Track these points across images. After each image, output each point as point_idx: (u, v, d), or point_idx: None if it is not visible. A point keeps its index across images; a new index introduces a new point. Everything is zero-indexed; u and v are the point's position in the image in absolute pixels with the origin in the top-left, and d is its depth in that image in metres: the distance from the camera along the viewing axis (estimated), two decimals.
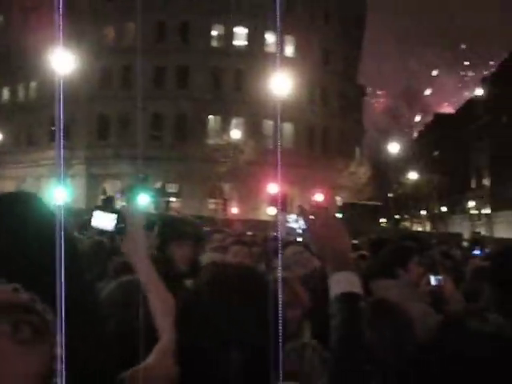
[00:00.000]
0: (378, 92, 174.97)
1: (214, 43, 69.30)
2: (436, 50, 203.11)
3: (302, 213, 2.13)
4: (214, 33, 69.15)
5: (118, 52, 64.98)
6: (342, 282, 2.14)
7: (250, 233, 27.46)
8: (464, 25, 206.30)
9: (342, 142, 73.15)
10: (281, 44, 62.13)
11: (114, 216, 3.03)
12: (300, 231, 30.64)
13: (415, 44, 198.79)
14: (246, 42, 68.51)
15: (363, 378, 2.01)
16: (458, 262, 11.03)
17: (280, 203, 45.24)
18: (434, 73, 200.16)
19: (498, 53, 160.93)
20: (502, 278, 4.64)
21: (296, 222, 41.54)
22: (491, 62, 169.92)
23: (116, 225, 2.99)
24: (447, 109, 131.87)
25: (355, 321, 2.06)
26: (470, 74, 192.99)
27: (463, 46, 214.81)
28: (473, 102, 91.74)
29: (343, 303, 2.10)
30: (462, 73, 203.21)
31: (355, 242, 15.57)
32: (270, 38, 66.59)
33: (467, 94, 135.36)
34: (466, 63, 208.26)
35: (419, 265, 5.65)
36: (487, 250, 15.86)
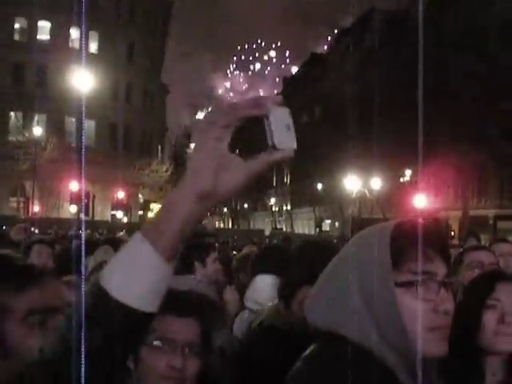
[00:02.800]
0: (181, 89, 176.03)
1: (17, 37, 67.33)
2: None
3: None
4: (16, 26, 67.27)
5: None
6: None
7: (51, 231, 27.50)
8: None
9: (144, 139, 73.36)
10: (86, 39, 61.66)
11: None
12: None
13: (215, 43, 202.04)
14: (49, 37, 67.20)
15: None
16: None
17: (82, 200, 45.16)
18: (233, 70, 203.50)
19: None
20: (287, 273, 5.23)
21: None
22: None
23: None
24: None
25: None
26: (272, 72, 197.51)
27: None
28: None
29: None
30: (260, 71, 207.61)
31: None
32: (74, 32, 65.75)
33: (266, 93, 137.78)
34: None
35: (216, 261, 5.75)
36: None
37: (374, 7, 59.82)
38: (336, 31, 78.53)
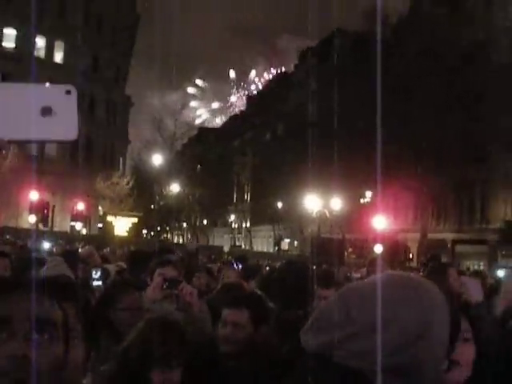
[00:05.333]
0: (145, 102, 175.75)
1: None
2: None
3: None
4: None
5: None
6: None
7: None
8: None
9: (106, 151, 72.97)
10: (51, 49, 61.27)
11: None
12: None
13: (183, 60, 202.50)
14: (14, 45, 66.52)
15: None
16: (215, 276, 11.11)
17: (41, 211, 44.75)
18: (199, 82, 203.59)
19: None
20: (283, 293, 5.23)
21: None
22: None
23: None
24: (213, 123, 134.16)
25: None
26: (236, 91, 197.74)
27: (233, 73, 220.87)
28: (236, 118, 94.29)
29: None
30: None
31: None
32: (40, 41, 65.28)
33: (232, 110, 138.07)
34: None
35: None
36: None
37: (338, 27, 60.27)
38: (301, 51, 78.80)
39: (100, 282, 6.93)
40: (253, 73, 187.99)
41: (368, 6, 40.52)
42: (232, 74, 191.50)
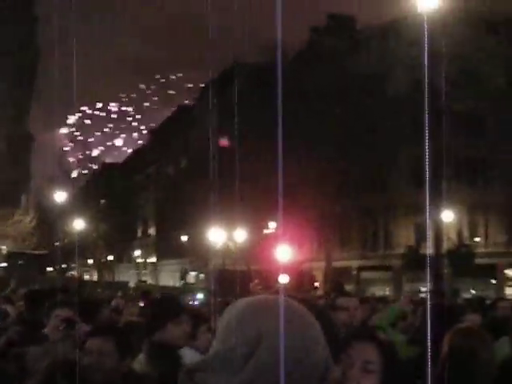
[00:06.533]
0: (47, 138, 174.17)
1: None
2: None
3: None
4: None
5: None
6: None
7: None
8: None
9: (7, 188, 71.73)
10: None
11: None
12: None
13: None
14: None
15: None
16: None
17: None
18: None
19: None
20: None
21: None
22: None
23: None
24: (114, 158, 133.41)
25: None
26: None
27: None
28: (139, 153, 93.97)
29: None
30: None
31: None
32: None
33: (135, 145, 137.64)
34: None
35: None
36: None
37: (237, 60, 60.70)
38: (201, 84, 79.29)
39: None
40: (146, 106, 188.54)
41: (265, 40, 41.02)
42: (115, 107, 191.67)
